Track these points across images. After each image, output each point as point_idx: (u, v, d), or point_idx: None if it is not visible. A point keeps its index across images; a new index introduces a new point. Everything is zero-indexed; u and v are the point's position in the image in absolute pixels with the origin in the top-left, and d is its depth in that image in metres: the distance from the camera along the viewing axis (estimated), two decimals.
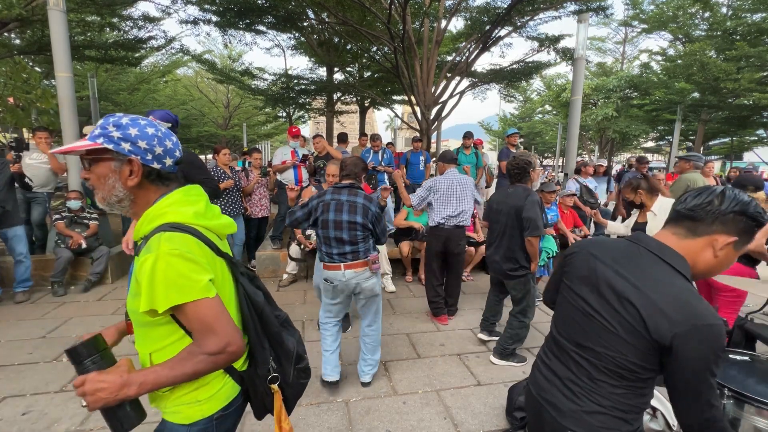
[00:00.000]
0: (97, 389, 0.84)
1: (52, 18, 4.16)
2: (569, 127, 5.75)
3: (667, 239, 1.01)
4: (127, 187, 0.96)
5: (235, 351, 0.94)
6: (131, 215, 1.02)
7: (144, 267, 0.88)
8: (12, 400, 2.43)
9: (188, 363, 0.90)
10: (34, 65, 9.40)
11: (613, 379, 0.98)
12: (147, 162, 0.96)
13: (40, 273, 4.45)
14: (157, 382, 0.88)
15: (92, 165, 0.96)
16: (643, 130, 16.63)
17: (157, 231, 0.92)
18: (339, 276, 2.40)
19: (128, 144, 0.93)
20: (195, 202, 1.01)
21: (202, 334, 0.91)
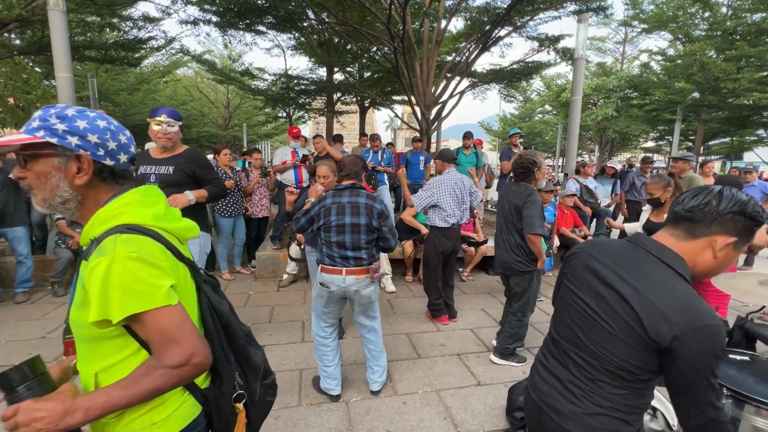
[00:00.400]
0: (33, 419, 0.70)
1: (52, 18, 4.17)
2: (569, 127, 5.75)
3: (666, 240, 1.00)
4: (74, 186, 0.84)
5: (200, 362, 0.83)
6: (77, 218, 0.90)
7: (96, 272, 0.77)
8: None
9: (147, 379, 0.78)
10: (34, 65, 9.40)
11: (613, 380, 0.98)
12: (98, 158, 0.86)
13: (40, 273, 4.45)
14: (108, 406, 0.76)
15: (29, 162, 0.83)
16: (643, 130, 16.63)
17: (111, 232, 0.82)
18: (338, 281, 2.29)
19: (75, 138, 0.82)
20: (154, 203, 0.92)
21: (163, 345, 0.80)
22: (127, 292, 0.77)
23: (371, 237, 2.33)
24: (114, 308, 0.77)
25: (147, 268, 0.80)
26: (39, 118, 0.82)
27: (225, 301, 1.04)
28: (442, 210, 3.58)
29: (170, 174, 2.44)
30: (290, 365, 2.91)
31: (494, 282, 5.11)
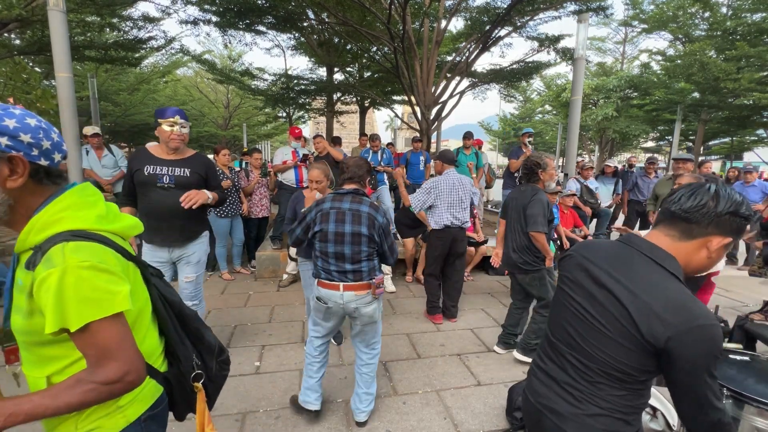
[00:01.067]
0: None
1: (52, 18, 4.16)
2: (569, 127, 5.74)
3: (660, 241, 1.00)
4: (6, 190, 0.80)
5: (132, 381, 0.83)
6: (5, 224, 0.85)
7: (47, 284, 0.75)
8: None
9: (74, 392, 0.78)
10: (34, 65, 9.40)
11: (611, 382, 0.98)
12: (32, 159, 0.81)
13: None
14: (32, 413, 0.75)
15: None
16: (643, 130, 16.62)
17: (54, 241, 0.79)
18: (335, 297, 2.06)
19: (5, 138, 0.77)
20: (94, 204, 0.88)
21: (99, 359, 0.79)
22: (84, 301, 0.76)
23: (372, 249, 2.10)
24: (72, 318, 0.76)
25: (102, 275, 0.79)
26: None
27: (172, 289, 1.08)
28: (435, 212, 3.58)
29: (187, 176, 2.43)
30: (290, 365, 2.91)
31: (494, 282, 5.11)
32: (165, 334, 1.02)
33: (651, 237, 1.03)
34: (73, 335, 0.78)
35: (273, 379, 2.71)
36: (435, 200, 3.57)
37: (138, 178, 2.37)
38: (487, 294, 4.64)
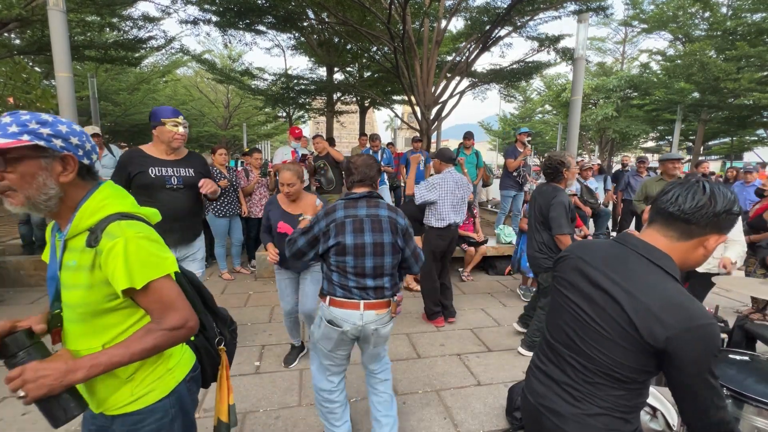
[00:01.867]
0: (40, 376, 0.81)
1: (52, 18, 4.16)
2: (569, 127, 5.74)
3: (657, 241, 0.99)
4: (58, 184, 0.93)
5: (192, 326, 1.00)
6: (51, 215, 0.97)
7: (115, 250, 0.91)
8: (12, 400, 2.43)
9: (146, 339, 0.93)
10: (34, 65, 9.40)
11: (610, 382, 0.98)
12: (79, 158, 0.96)
13: (40, 273, 4.45)
14: (110, 362, 0.88)
15: (12, 164, 0.88)
16: (643, 130, 16.63)
17: (108, 220, 0.94)
18: (354, 318, 1.76)
19: (60, 140, 0.92)
20: (126, 195, 1.05)
21: (164, 311, 0.96)
22: (144, 264, 0.93)
23: (397, 260, 1.83)
24: (137, 277, 0.92)
25: (153, 244, 0.97)
26: (16, 124, 0.87)
27: (191, 272, 1.25)
28: (439, 209, 3.58)
29: (193, 176, 2.46)
30: (290, 366, 2.91)
31: (494, 282, 5.11)
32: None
33: (646, 236, 1.02)
34: (138, 295, 0.94)
35: (273, 379, 2.71)
36: (438, 197, 3.55)
37: (142, 181, 2.32)
38: (487, 294, 4.64)
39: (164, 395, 1.05)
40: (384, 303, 1.82)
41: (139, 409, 1.02)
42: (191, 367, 1.14)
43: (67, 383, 0.84)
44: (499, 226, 5.87)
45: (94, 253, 0.93)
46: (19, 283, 4.45)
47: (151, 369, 1.04)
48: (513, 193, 5.90)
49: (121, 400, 1.01)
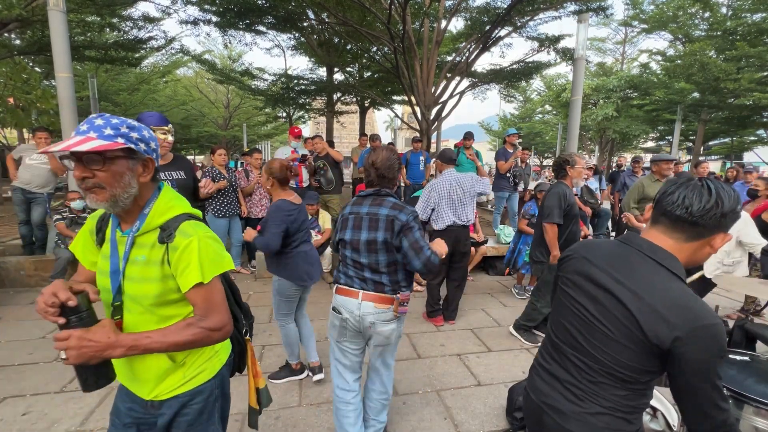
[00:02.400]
0: (83, 345, 0.89)
1: (52, 18, 4.17)
2: (569, 127, 5.75)
3: (662, 242, 0.99)
4: (138, 183, 1.02)
5: (228, 331, 1.08)
6: (120, 212, 1.02)
7: (191, 247, 1.00)
8: (12, 400, 2.43)
9: (186, 332, 0.99)
10: (34, 65, 9.40)
11: (614, 382, 0.98)
12: (155, 160, 1.06)
13: (40, 273, 4.45)
14: (148, 347, 0.96)
15: (107, 164, 0.96)
16: (643, 130, 16.65)
17: (179, 220, 1.04)
18: (352, 306, 1.80)
19: (143, 144, 1.01)
20: (183, 198, 1.15)
21: (208, 310, 1.03)
22: (211, 261, 1.03)
23: (392, 258, 1.79)
24: (206, 273, 1.01)
25: (216, 243, 1.07)
26: (109, 127, 0.95)
27: None
28: (438, 212, 3.58)
29: (185, 178, 2.64)
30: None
31: (494, 282, 5.11)
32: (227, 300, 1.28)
33: (650, 237, 1.01)
34: (194, 289, 1.01)
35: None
36: (436, 202, 3.56)
37: None
38: (487, 294, 4.64)
39: (211, 376, 1.14)
40: (383, 298, 1.80)
41: (188, 390, 1.10)
42: (228, 353, 1.25)
43: (105, 357, 0.92)
44: (498, 226, 5.88)
45: (165, 248, 1.01)
46: (18, 284, 4.45)
47: (200, 352, 1.12)
48: (507, 194, 5.93)
49: (173, 383, 1.09)
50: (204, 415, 1.14)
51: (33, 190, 4.53)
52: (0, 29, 5.63)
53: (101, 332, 0.92)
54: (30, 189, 4.51)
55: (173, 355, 1.08)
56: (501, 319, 3.90)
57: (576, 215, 3.05)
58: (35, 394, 2.49)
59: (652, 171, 4.14)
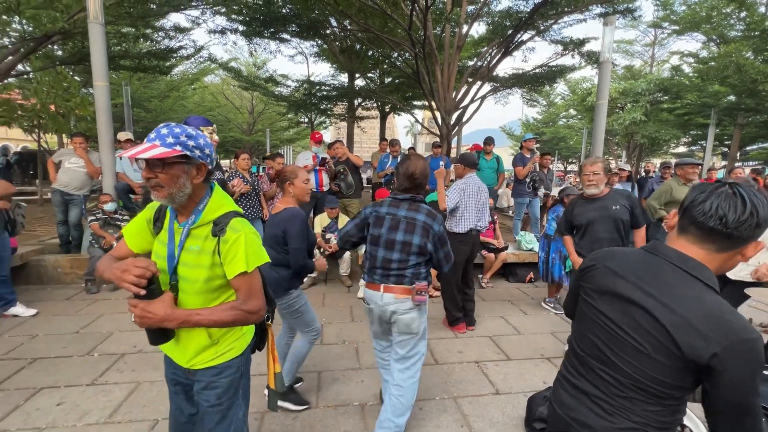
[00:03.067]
0: (144, 316, 1.09)
1: (92, 30, 4.41)
2: (594, 131, 5.61)
3: (692, 252, 0.94)
4: (192, 184, 1.18)
5: (262, 315, 1.27)
6: (178, 207, 1.22)
7: (239, 241, 1.18)
8: (48, 390, 2.57)
9: (229, 314, 1.18)
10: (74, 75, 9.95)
11: (646, 398, 0.94)
12: (209, 165, 1.22)
13: (75, 271, 4.68)
14: (197, 323, 1.15)
15: (166, 167, 1.14)
16: (673, 135, 15.97)
17: (229, 216, 1.22)
18: (376, 298, 2.05)
19: (198, 151, 1.17)
20: (229, 196, 1.32)
21: (249, 296, 1.21)
22: (254, 253, 1.21)
23: (422, 259, 2.03)
24: (250, 263, 1.19)
25: (258, 239, 1.24)
26: (171, 136, 1.12)
27: None
28: (462, 215, 3.55)
29: (222, 177, 2.85)
30: (308, 367, 2.94)
31: (514, 290, 5.01)
32: None
33: (678, 246, 0.97)
34: (239, 277, 1.18)
35: None
36: (463, 203, 3.55)
37: None
38: (506, 301, 4.56)
39: (238, 354, 1.32)
40: (403, 289, 2.01)
41: (218, 363, 1.28)
42: (252, 336, 1.40)
43: (162, 326, 1.12)
44: (519, 232, 5.77)
45: (217, 241, 1.19)
46: (55, 281, 4.70)
47: (231, 332, 1.31)
48: (527, 199, 5.83)
49: (206, 357, 1.28)
50: (231, 389, 1.31)
51: (70, 192, 4.79)
52: (44, 41, 6.01)
53: (161, 306, 1.11)
54: (68, 191, 4.77)
55: (212, 333, 1.26)
56: (521, 327, 3.82)
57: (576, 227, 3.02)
58: (68, 386, 2.62)
59: (676, 174, 4.02)
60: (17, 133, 19.80)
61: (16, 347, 3.12)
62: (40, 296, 4.28)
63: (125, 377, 2.74)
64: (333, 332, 3.53)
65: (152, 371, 2.80)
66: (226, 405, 1.31)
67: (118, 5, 6.27)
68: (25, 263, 4.57)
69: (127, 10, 6.55)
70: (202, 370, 1.29)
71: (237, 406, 1.35)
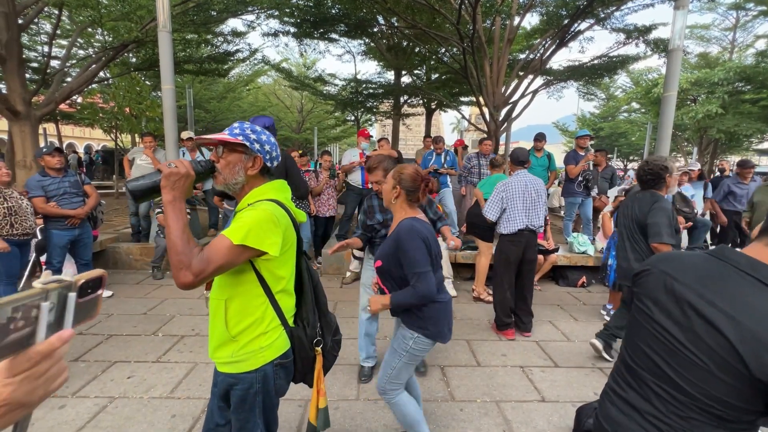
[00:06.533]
0: (176, 180, 1.12)
1: (161, 38, 4.81)
2: (660, 126, 5.14)
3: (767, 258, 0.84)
4: (245, 175, 1.25)
5: (186, 283, 1.08)
6: (236, 195, 1.29)
7: (244, 213, 1.17)
8: (120, 364, 2.86)
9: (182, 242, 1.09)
10: (145, 80, 10.92)
11: (709, 420, 0.84)
12: (265, 160, 1.27)
13: (144, 258, 5.16)
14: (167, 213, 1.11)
15: (225, 153, 1.23)
16: (757, 129, 14.19)
17: (262, 201, 1.23)
18: None
19: (258, 145, 1.24)
20: (285, 191, 1.34)
21: (206, 258, 1.10)
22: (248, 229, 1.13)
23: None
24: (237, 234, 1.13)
25: (271, 225, 1.17)
26: (239, 128, 1.23)
27: (315, 271, 1.47)
28: (509, 215, 3.43)
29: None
30: (350, 359, 3.01)
31: (564, 294, 4.76)
32: (301, 299, 1.37)
33: (752, 252, 0.87)
34: (220, 236, 1.13)
35: (333, 371, 2.82)
36: (507, 203, 3.43)
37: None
38: (555, 306, 4.34)
39: (252, 369, 1.24)
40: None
41: (231, 373, 1.25)
42: (282, 353, 1.29)
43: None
44: (572, 234, 5.47)
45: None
46: (127, 266, 5.21)
47: (249, 339, 1.23)
48: (579, 199, 5.50)
49: (224, 355, 1.25)
50: (246, 404, 1.25)
51: None
52: (122, 50, 6.66)
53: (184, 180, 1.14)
54: None
55: (230, 328, 1.22)
56: (570, 333, 3.62)
57: (677, 231, 2.74)
58: (137, 362, 2.90)
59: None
60: (98, 134, 22.13)
61: (95, 324, 3.51)
62: (115, 279, 4.77)
63: (184, 357, 2.98)
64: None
65: (207, 354, 3.02)
66: (244, 417, 1.26)
67: (183, 14, 6.77)
68: (103, 249, 5.12)
69: (191, 17, 7.06)
70: (221, 375, 1.27)
71: (254, 425, 1.27)
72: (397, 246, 1.70)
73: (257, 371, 1.24)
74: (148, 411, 2.35)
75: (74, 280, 0.52)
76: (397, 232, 1.73)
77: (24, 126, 5.53)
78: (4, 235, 3.25)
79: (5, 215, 3.25)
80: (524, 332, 3.55)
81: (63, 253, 3.81)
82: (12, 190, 3.38)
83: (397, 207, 1.83)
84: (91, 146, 22.05)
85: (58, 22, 6.81)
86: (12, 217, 3.29)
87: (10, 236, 3.29)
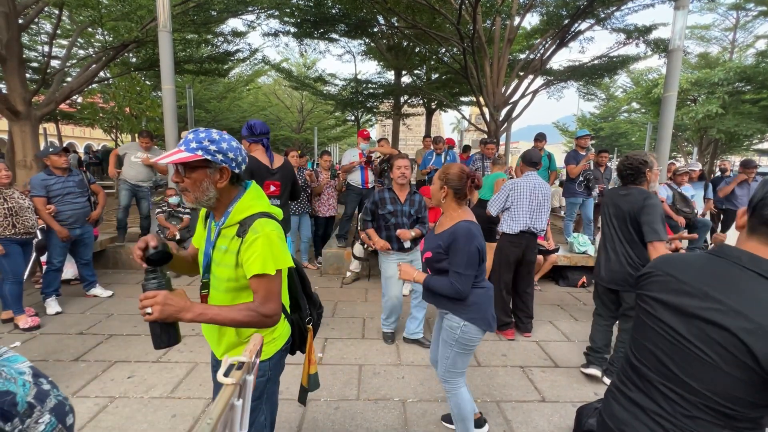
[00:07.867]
0: (167, 303, 1.07)
1: (161, 38, 4.82)
2: (660, 126, 5.15)
3: (765, 253, 0.85)
4: (216, 188, 1.20)
5: (277, 320, 1.23)
6: (210, 209, 1.27)
7: (257, 243, 1.16)
8: (120, 364, 2.86)
9: (244, 314, 1.16)
10: (145, 80, 10.92)
11: (716, 418, 0.85)
12: (232, 169, 1.21)
13: None
14: (212, 318, 1.14)
15: (188, 171, 1.17)
16: (757, 129, 14.19)
17: (254, 218, 1.20)
18: None
19: (221, 155, 1.17)
20: (263, 197, 1.31)
21: (266, 299, 1.19)
22: (272, 256, 1.18)
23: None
24: (269, 266, 1.17)
25: (281, 242, 1.23)
26: (195, 140, 1.15)
27: (299, 261, 1.56)
28: (512, 215, 3.42)
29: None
30: (350, 360, 3.01)
31: (565, 294, 4.76)
32: (293, 289, 1.45)
33: (749, 248, 0.88)
34: (255, 278, 1.17)
35: (334, 371, 2.83)
36: (510, 203, 3.42)
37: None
38: (556, 306, 4.34)
39: (266, 358, 1.31)
40: None
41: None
42: (287, 340, 1.40)
43: (179, 318, 1.10)
44: (572, 234, 5.47)
45: (240, 242, 1.19)
46: (128, 266, 5.21)
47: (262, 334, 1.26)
48: (580, 199, 5.50)
49: (236, 354, 1.26)
50: (256, 391, 1.28)
51: (139, 183, 5.14)
52: (122, 50, 6.66)
53: (179, 297, 1.12)
54: (136, 183, 5.14)
55: (240, 332, 1.29)
56: (571, 334, 3.63)
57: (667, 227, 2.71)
58: (138, 361, 2.90)
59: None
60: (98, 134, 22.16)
61: (96, 323, 3.51)
62: (115, 279, 4.77)
63: (185, 357, 2.98)
64: (375, 327, 3.58)
65: (208, 354, 3.00)
66: (253, 406, 1.28)
67: (184, 14, 6.78)
68: (103, 249, 5.11)
69: (191, 17, 7.07)
70: None
71: (259, 411, 1.33)
72: (451, 245, 1.81)
73: (270, 360, 1.32)
74: (149, 411, 2.36)
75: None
76: (454, 232, 1.81)
77: (24, 126, 5.53)
78: (6, 235, 3.26)
79: (6, 216, 3.25)
80: (524, 332, 3.55)
81: (64, 252, 3.81)
82: (13, 190, 3.38)
83: (446, 206, 1.92)
84: (92, 146, 22.08)
85: (58, 22, 6.81)
86: (13, 218, 3.29)
87: (13, 236, 3.30)
